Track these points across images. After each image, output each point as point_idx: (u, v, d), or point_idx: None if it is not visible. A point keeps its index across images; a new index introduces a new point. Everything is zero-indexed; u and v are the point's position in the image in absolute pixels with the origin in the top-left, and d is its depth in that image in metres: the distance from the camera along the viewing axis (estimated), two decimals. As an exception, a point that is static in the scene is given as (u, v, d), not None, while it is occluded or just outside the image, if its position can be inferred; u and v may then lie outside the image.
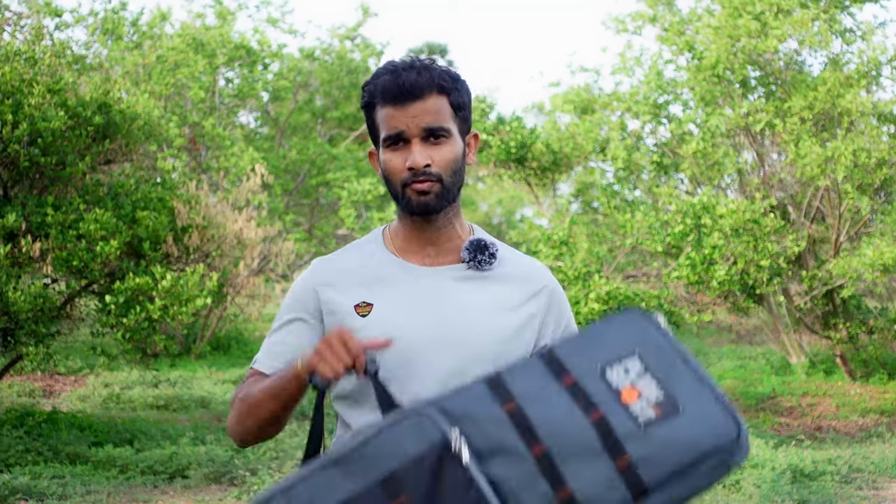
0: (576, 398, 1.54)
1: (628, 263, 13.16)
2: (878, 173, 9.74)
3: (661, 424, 1.52)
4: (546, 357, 1.60)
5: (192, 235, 7.59)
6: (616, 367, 1.58)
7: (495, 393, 1.56)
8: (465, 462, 1.47)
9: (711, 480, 1.52)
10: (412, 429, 1.52)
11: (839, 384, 11.12)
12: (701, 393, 1.56)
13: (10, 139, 6.69)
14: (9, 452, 6.95)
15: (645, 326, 1.64)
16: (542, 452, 1.50)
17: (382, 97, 1.71)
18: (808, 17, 10.18)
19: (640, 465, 1.49)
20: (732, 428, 1.52)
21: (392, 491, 1.48)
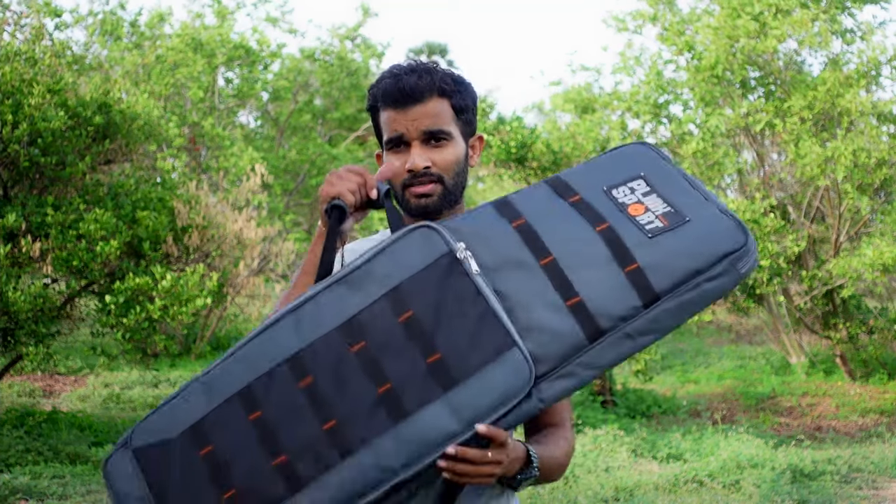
0: (583, 213, 1.55)
1: (628, 263, 13.14)
2: (878, 173, 9.74)
3: (668, 234, 1.51)
4: (552, 181, 1.61)
5: (192, 235, 7.59)
6: (622, 187, 1.59)
7: (503, 213, 1.57)
8: (472, 272, 1.47)
9: (721, 287, 1.50)
10: (419, 243, 1.52)
11: (839, 384, 11.12)
12: (707, 207, 1.55)
13: (10, 139, 6.69)
14: (9, 452, 6.95)
15: (649, 154, 1.65)
16: (550, 262, 1.50)
17: (384, 100, 1.72)
18: (807, 18, 10.18)
19: (649, 271, 1.48)
20: (740, 235, 1.51)
21: (399, 304, 1.48)
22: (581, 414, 8.78)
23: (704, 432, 8.28)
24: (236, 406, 1.49)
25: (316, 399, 1.46)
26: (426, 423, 1.43)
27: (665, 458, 7.48)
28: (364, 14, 16.86)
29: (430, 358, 1.45)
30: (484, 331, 1.45)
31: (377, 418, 1.45)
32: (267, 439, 1.47)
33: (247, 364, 1.51)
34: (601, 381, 10.03)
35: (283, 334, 1.51)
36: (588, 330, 1.46)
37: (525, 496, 5.93)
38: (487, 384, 1.44)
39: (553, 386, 1.46)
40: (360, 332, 1.49)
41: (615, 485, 6.30)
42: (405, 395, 1.44)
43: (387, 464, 1.43)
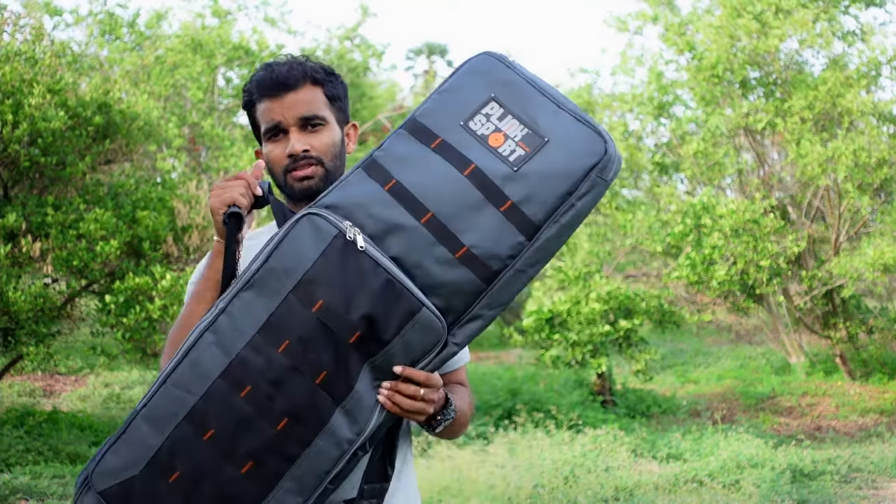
0: (447, 157, 1.60)
1: (628, 263, 13.17)
2: (879, 173, 9.74)
3: (531, 160, 1.57)
4: (411, 126, 1.65)
5: (192, 235, 7.59)
6: (477, 116, 1.62)
7: (374, 176, 1.62)
8: (361, 247, 1.53)
9: (594, 199, 1.58)
10: (309, 231, 1.57)
11: (839, 384, 11.12)
12: (562, 119, 1.60)
13: (10, 139, 6.69)
14: (9, 452, 6.95)
15: (494, 67, 1.68)
16: (430, 219, 1.56)
17: (259, 92, 1.79)
18: (808, 18, 10.18)
19: (524, 205, 1.56)
20: (600, 144, 1.58)
21: (308, 296, 1.54)
22: (581, 414, 8.78)
23: (704, 432, 8.28)
24: (188, 429, 1.54)
25: (260, 405, 1.53)
26: (364, 391, 1.55)
27: (665, 458, 7.48)
28: (363, 14, 16.87)
29: (351, 337, 1.52)
30: (391, 299, 1.52)
31: (323, 405, 1.53)
32: (228, 454, 1.52)
33: (182, 388, 1.55)
34: (601, 381, 10.03)
35: (208, 352, 1.55)
36: (482, 275, 1.55)
37: (525, 496, 5.93)
38: (406, 345, 1.54)
39: (464, 330, 1.58)
40: (280, 333, 1.54)
41: (615, 485, 6.30)
42: (340, 376, 1.53)
43: (342, 438, 1.54)
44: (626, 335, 9.78)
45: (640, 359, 9.78)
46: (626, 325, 9.57)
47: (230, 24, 14.48)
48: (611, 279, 10.61)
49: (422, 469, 6.52)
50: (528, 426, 7.89)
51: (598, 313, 9.51)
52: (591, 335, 9.51)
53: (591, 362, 9.64)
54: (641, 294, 9.91)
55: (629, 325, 9.59)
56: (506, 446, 7.10)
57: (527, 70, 1.67)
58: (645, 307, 9.81)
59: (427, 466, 6.60)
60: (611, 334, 9.62)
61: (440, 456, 6.90)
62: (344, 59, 16.90)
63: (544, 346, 9.92)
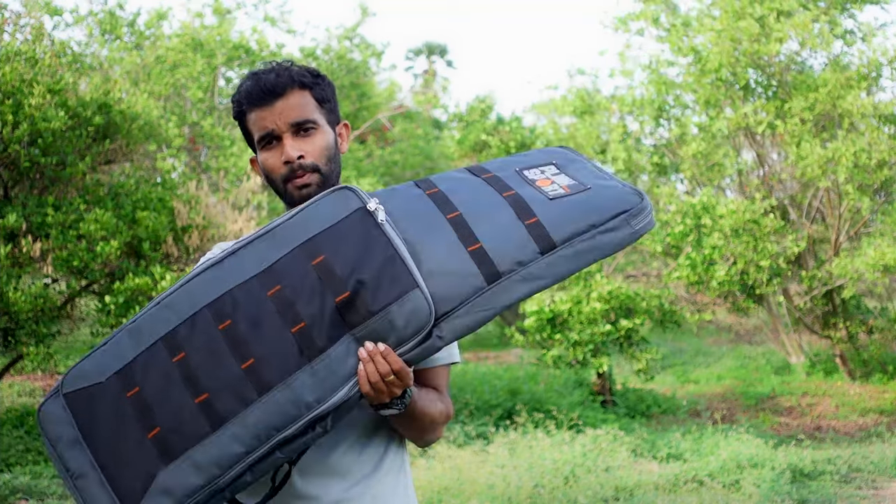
0: (492, 184, 1.69)
1: (628, 263, 13.17)
2: (879, 174, 9.74)
3: (569, 197, 1.65)
4: (472, 167, 1.75)
5: (192, 235, 7.58)
6: (533, 169, 1.73)
7: (420, 185, 1.70)
8: (381, 220, 1.58)
9: (616, 241, 1.63)
10: (335, 200, 1.62)
11: (839, 384, 11.12)
12: (609, 181, 1.70)
13: (10, 139, 6.68)
14: (9, 452, 6.95)
15: (567, 153, 1.80)
16: (456, 217, 1.62)
17: (248, 102, 1.80)
18: (808, 19, 10.18)
19: (548, 224, 1.61)
20: (636, 197, 1.65)
21: (312, 251, 1.58)
22: (581, 414, 8.78)
23: (704, 432, 8.28)
24: (161, 349, 1.57)
25: (235, 340, 1.56)
26: (335, 359, 1.54)
27: (665, 458, 7.47)
28: (363, 14, 16.86)
29: (338, 298, 1.55)
30: (390, 273, 1.55)
31: (291, 356, 1.54)
32: (190, 379, 1.55)
33: (172, 310, 1.60)
34: (601, 381, 10.03)
35: (206, 283, 1.61)
36: (486, 272, 1.58)
37: (525, 496, 5.93)
38: (390, 322, 1.54)
39: (452, 325, 1.57)
40: (276, 278, 1.58)
41: (615, 485, 6.30)
42: (316, 333, 1.55)
43: (301, 399, 1.53)
44: (627, 335, 9.78)
45: (642, 358, 9.78)
46: (628, 325, 9.57)
47: (230, 23, 14.48)
48: (611, 279, 10.61)
49: (422, 469, 6.51)
50: (529, 426, 7.89)
51: (599, 313, 9.51)
52: (593, 335, 9.51)
53: (592, 362, 9.64)
54: (642, 293, 9.92)
55: (630, 324, 9.59)
56: (506, 446, 7.10)
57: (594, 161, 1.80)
58: (646, 307, 9.81)
59: (427, 466, 6.60)
60: (612, 334, 9.62)
61: (440, 456, 6.90)
62: (343, 58, 16.89)
63: (546, 346, 9.92)
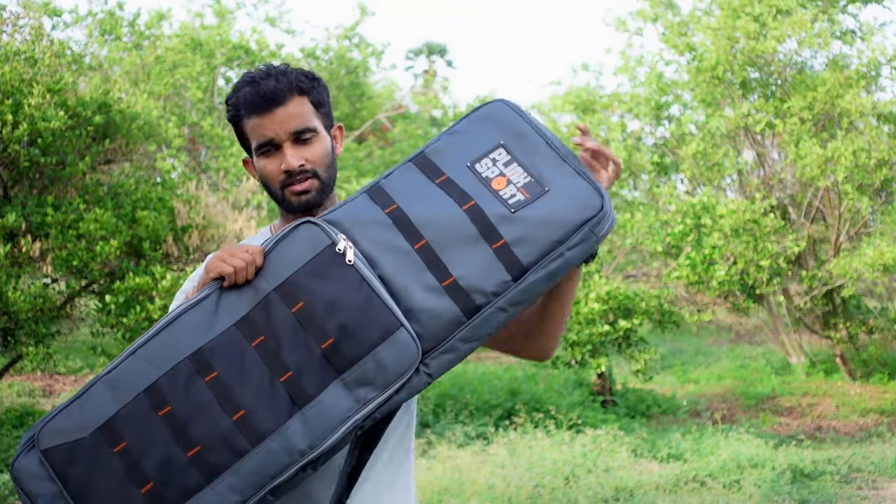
0: (449, 192, 1.65)
1: (628, 263, 13.16)
2: (878, 173, 9.74)
3: (530, 206, 1.62)
4: (419, 161, 1.70)
5: (192, 235, 7.58)
6: (484, 160, 1.69)
7: (376, 200, 1.66)
8: (350, 261, 1.57)
9: (582, 251, 1.62)
10: (303, 238, 1.61)
11: (839, 384, 11.12)
12: (564, 172, 1.66)
13: (10, 139, 6.68)
14: (9, 452, 6.95)
15: (507, 115, 1.74)
16: (423, 246, 1.60)
17: (246, 109, 1.78)
18: (807, 18, 10.18)
19: (516, 246, 1.60)
20: (597, 200, 1.63)
21: (290, 297, 1.57)
22: (581, 414, 8.78)
23: (704, 432, 8.28)
24: (145, 402, 1.55)
25: (222, 392, 1.54)
26: (326, 405, 1.54)
27: (665, 458, 7.47)
28: (362, 13, 16.86)
29: (323, 344, 1.55)
30: (371, 314, 1.55)
31: (282, 405, 1.54)
32: (179, 433, 1.53)
33: (150, 361, 1.57)
34: (601, 381, 10.03)
35: (184, 332, 1.58)
36: (464, 307, 1.58)
37: (525, 496, 5.93)
38: (379, 364, 1.54)
39: (439, 360, 1.58)
40: (258, 327, 1.57)
41: (615, 485, 6.30)
42: (305, 381, 1.54)
43: (294, 447, 1.53)
44: (625, 335, 9.78)
45: (640, 359, 9.77)
46: (626, 325, 9.57)
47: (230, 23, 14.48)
48: (610, 279, 10.61)
49: (422, 469, 6.51)
50: (528, 426, 7.88)
51: (597, 313, 9.51)
52: (591, 335, 9.51)
53: (590, 362, 9.64)
54: (641, 294, 9.91)
55: (629, 324, 9.59)
56: (506, 446, 7.10)
57: (537, 121, 1.73)
58: (645, 307, 9.81)
59: (427, 467, 6.59)
60: (610, 334, 9.62)
61: (440, 456, 6.90)
62: (343, 58, 16.89)
63: (544, 346, 9.91)
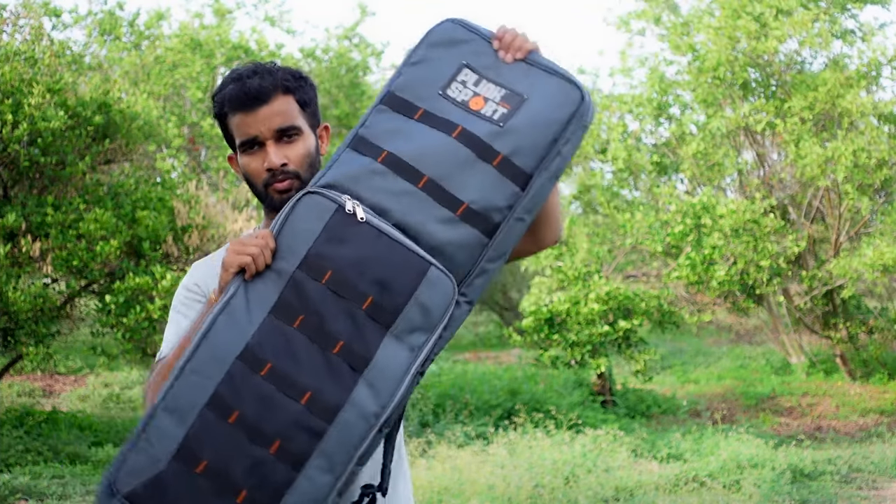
0: (433, 124, 1.65)
1: (628, 263, 13.16)
2: (879, 173, 9.73)
3: (515, 115, 1.63)
4: (389, 101, 1.69)
5: (192, 235, 7.58)
6: (453, 85, 1.68)
7: (364, 151, 1.65)
8: (362, 218, 1.57)
9: (575, 145, 1.65)
10: (309, 209, 1.60)
11: (839, 384, 11.12)
12: (535, 74, 1.67)
13: (10, 139, 6.68)
14: (9, 452, 6.94)
15: (459, 34, 1.73)
16: (427, 182, 1.60)
17: (231, 106, 1.78)
18: (808, 18, 10.18)
19: (514, 157, 1.61)
20: (575, 93, 1.65)
21: (316, 269, 1.57)
22: (581, 414, 8.78)
23: (704, 432, 8.27)
24: (210, 416, 1.52)
25: (282, 380, 1.53)
26: (385, 362, 1.54)
27: (665, 458, 7.47)
28: (362, 13, 16.85)
29: (363, 304, 1.55)
30: (399, 263, 1.56)
31: (343, 376, 1.53)
32: (254, 433, 1.52)
33: (201, 374, 1.55)
34: (601, 381, 10.03)
35: (224, 336, 1.56)
36: (483, 229, 1.60)
37: (525, 496, 5.93)
38: (421, 307, 1.55)
39: (473, 286, 1.61)
40: (294, 308, 1.56)
41: (615, 485, 6.30)
42: (357, 345, 1.54)
43: (367, 411, 1.53)
44: (625, 335, 9.78)
45: (640, 359, 9.77)
46: (626, 326, 9.57)
47: (229, 23, 14.48)
48: (610, 279, 10.61)
49: (422, 469, 6.51)
50: (528, 426, 7.88)
51: (597, 313, 9.50)
52: (591, 335, 9.50)
53: (590, 362, 9.64)
54: (641, 294, 9.91)
55: (628, 325, 9.59)
56: (506, 446, 7.10)
57: (491, 32, 1.72)
58: (644, 307, 9.81)
59: (427, 466, 6.59)
60: (610, 334, 9.62)
61: (440, 456, 6.89)
62: (343, 58, 16.89)
63: (543, 346, 9.92)
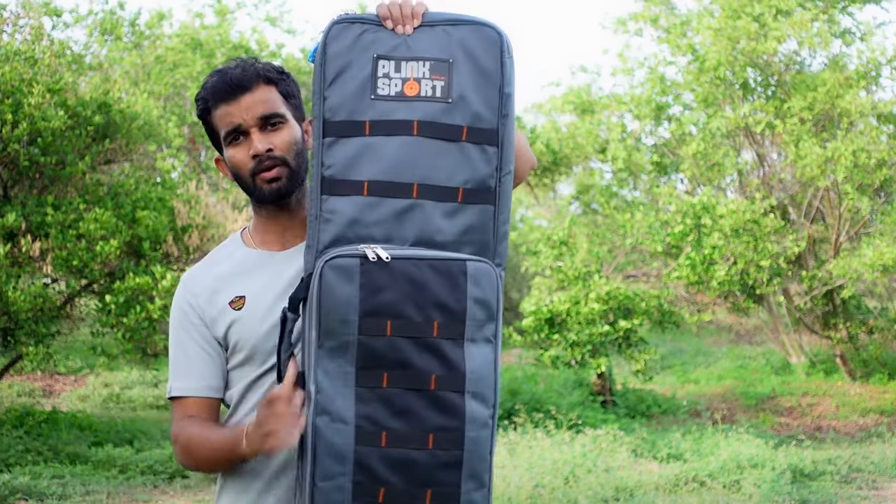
0: (388, 131, 1.64)
1: (628, 263, 13.16)
2: (878, 174, 9.74)
3: (454, 83, 1.65)
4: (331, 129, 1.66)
5: (192, 235, 7.58)
6: (379, 82, 1.65)
7: (342, 191, 1.64)
8: (387, 258, 1.59)
9: (513, 76, 1.68)
10: (335, 277, 1.60)
11: (839, 384, 11.12)
12: (444, 34, 1.68)
13: (10, 139, 6.68)
14: (9, 452, 6.94)
15: (355, 31, 1.70)
16: (418, 188, 1.63)
17: (215, 98, 1.78)
18: (807, 18, 10.18)
19: (477, 122, 1.64)
20: (490, 32, 1.67)
21: (375, 328, 1.59)
22: (581, 414, 8.78)
23: (704, 432, 8.27)
24: (363, 448, 1.59)
25: (402, 440, 1.59)
26: (477, 369, 1.62)
27: (665, 458, 7.47)
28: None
29: (433, 332, 1.60)
30: (439, 276, 1.59)
31: (451, 401, 1.60)
32: (406, 498, 1.59)
33: (331, 479, 1.59)
34: (601, 381, 10.03)
35: (332, 431, 1.59)
36: (485, 199, 1.66)
37: (525, 496, 5.93)
38: (478, 303, 1.61)
39: (500, 251, 1.68)
40: (374, 371, 1.60)
41: (615, 485, 6.30)
42: (447, 370, 1.60)
43: (485, 419, 1.62)
44: (625, 335, 9.78)
45: (640, 359, 9.77)
46: (626, 326, 9.57)
47: (230, 23, 14.48)
48: (610, 279, 10.61)
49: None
50: (528, 426, 7.88)
51: (597, 313, 9.50)
52: (591, 335, 9.51)
53: (590, 362, 9.64)
54: (641, 294, 9.91)
55: (629, 325, 9.59)
56: (506, 446, 7.10)
57: (375, 15, 1.70)
58: (645, 307, 9.81)
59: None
60: (610, 334, 9.62)
61: (440, 456, 6.88)
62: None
63: (544, 346, 9.92)
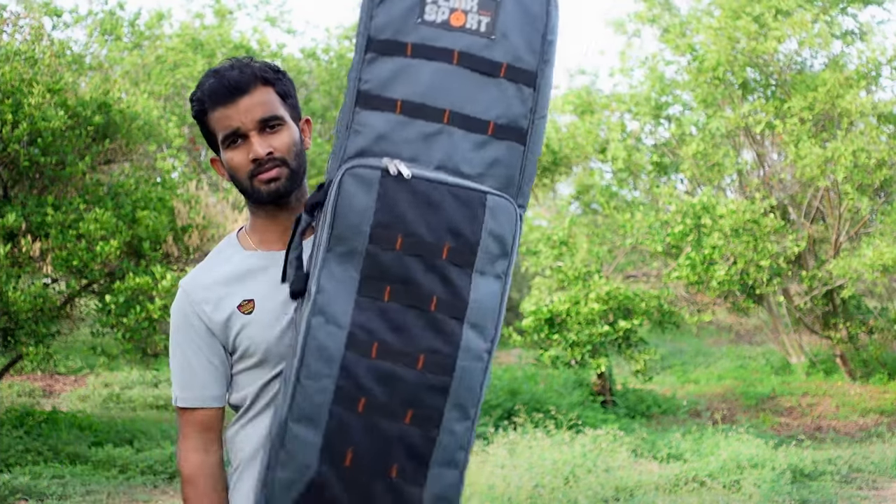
0: (429, 56, 1.64)
1: (628, 263, 13.17)
2: (878, 174, 9.74)
3: (499, 21, 1.65)
4: (375, 47, 1.65)
5: (192, 235, 7.58)
6: (427, 8, 1.65)
7: (376, 106, 1.64)
8: (408, 175, 1.58)
9: (557, 25, 1.70)
10: (354, 185, 1.59)
11: (839, 384, 11.12)
12: None
13: (10, 139, 6.68)
14: (9, 452, 6.95)
15: None
16: (449, 115, 1.62)
17: (212, 100, 1.76)
18: (807, 18, 10.18)
19: (517, 62, 1.64)
20: None
21: (386, 240, 1.58)
22: (581, 414, 8.78)
23: (704, 432, 8.27)
24: (340, 411, 1.57)
25: (394, 354, 1.57)
26: (480, 300, 1.60)
27: (665, 458, 7.47)
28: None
29: (443, 254, 1.58)
30: (458, 203, 1.59)
31: (448, 327, 1.59)
32: (387, 412, 1.57)
33: (315, 377, 1.58)
34: (601, 381, 10.03)
35: (324, 333, 1.58)
36: (517, 138, 1.65)
37: (525, 496, 5.93)
38: (494, 236, 1.60)
39: (524, 193, 1.67)
40: (378, 282, 1.58)
41: (615, 485, 6.30)
42: (450, 294, 1.59)
43: (479, 351, 1.61)
44: (625, 335, 9.78)
45: (640, 359, 9.77)
46: (626, 326, 9.57)
47: (230, 23, 14.48)
48: (610, 279, 10.61)
49: (422, 469, 6.50)
50: (528, 426, 7.88)
51: (597, 313, 9.50)
52: (591, 335, 9.51)
53: (590, 362, 9.64)
54: (641, 294, 9.91)
55: (628, 325, 9.59)
56: (506, 446, 7.10)
57: None
58: (645, 307, 9.81)
59: (427, 466, 6.59)
60: (610, 334, 9.62)
61: (440, 456, 6.89)
62: (343, 58, 16.88)
63: (543, 346, 9.92)
